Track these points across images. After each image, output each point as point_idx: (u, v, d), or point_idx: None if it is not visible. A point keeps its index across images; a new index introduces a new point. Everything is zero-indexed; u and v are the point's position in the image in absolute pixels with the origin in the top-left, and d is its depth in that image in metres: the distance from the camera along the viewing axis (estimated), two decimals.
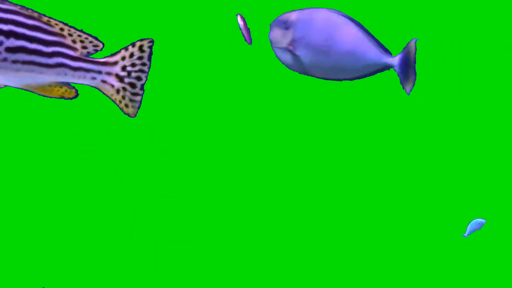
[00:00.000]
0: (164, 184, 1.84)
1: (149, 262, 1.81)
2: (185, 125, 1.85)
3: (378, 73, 1.65)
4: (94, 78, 1.50)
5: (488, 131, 1.85)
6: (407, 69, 1.61)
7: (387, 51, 1.63)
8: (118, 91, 1.51)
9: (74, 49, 1.48)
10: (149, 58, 1.52)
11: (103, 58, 1.51)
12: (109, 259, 1.80)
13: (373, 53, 1.62)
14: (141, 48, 1.51)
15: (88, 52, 1.49)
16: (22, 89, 1.48)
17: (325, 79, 1.65)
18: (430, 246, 1.84)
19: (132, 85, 1.52)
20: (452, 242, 1.84)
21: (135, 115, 1.54)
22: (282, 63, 1.66)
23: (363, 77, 1.65)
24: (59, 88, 1.50)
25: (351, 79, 1.65)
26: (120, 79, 1.51)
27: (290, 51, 1.62)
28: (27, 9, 1.45)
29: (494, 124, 1.85)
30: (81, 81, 1.50)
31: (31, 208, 1.80)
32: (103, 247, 1.81)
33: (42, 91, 1.49)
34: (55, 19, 1.47)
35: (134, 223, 1.82)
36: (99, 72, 1.50)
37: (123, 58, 1.51)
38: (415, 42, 1.60)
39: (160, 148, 1.84)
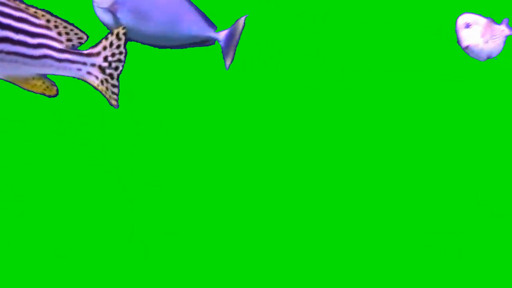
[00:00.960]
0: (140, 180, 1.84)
1: (135, 260, 1.81)
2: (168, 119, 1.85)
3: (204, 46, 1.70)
4: (79, 70, 1.51)
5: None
6: (230, 44, 1.68)
7: (212, 25, 1.68)
8: (102, 82, 1.53)
9: (59, 41, 1.49)
10: (125, 46, 1.53)
11: (87, 49, 1.52)
12: (93, 257, 1.80)
13: (196, 25, 1.66)
14: (117, 36, 1.53)
15: (73, 45, 1.50)
16: (6, 80, 1.49)
17: (144, 44, 1.69)
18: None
19: (111, 76, 1.54)
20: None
21: (118, 107, 1.56)
22: (103, 24, 1.66)
23: (185, 47, 1.69)
24: (42, 83, 1.50)
25: (171, 48, 1.69)
26: (102, 70, 1.53)
27: (111, 12, 1.64)
28: (14, 0, 1.46)
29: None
30: (66, 73, 1.51)
31: (19, 204, 1.79)
32: (86, 243, 1.80)
33: (25, 84, 1.49)
34: (42, 10, 1.48)
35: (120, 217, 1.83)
36: (84, 64, 1.51)
37: (105, 48, 1.52)
38: (244, 20, 1.66)
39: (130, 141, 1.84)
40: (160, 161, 1.82)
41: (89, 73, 1.52)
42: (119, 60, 1.53)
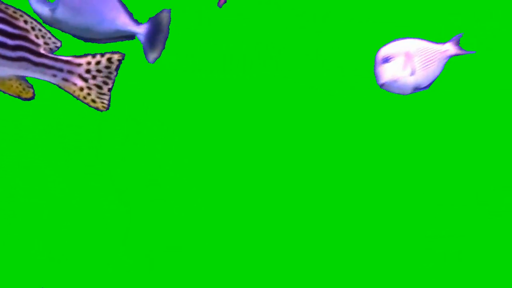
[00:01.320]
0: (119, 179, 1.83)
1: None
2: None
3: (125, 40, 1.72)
4: (54, 76, 1.49)
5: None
6: (154, 38, 1.68)
7: (135, 20, 1.68)
8: (81, 89, 1.51)
9: (37, 44, 1.47)
10: (116, 70, 1.53)
11: (67, 57, 1.50)
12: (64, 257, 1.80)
13: (121, 20, 1.67)
14: (109, 60, 1.52)
15: (50, 49, 1.49)
16: None
17: (74, 36, 1.70)
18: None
19: (99, 87, 1.52)
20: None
21: (106, 109, 1.54)
22: (37, 14, 1.67)
23: (110, 41, 1.70)
24: (18, 85, 1.49)
25: (98, 41, 1.70)
26: (84, 79, 1.51)
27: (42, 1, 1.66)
28: None
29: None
30: (41, 76, 1.49)
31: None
32: (73, 245, 1.80)
33: (1, 85, 1.47)
34: (20, 10, 1.46)
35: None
36: (61, 70, 1.49)
37: (88, 63, 1.51)
38: (169, 13, 1.66)
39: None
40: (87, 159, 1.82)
41: (65, 79, 1.49)
42: (108, 77, 1.52)
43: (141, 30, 1.68)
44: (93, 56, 1.51)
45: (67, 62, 1.49)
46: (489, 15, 1.86)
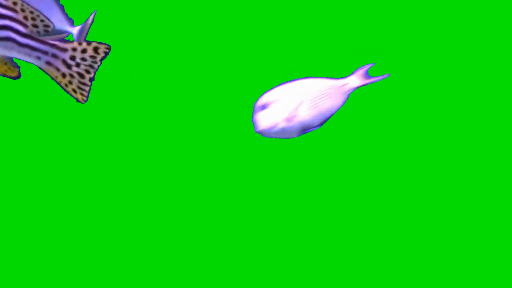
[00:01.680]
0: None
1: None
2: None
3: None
4: (38, 58, 1.50)
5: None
6: (80, 38, 1.70)
7: (70, 20, 1.70)
8: (64, 75, 1.52)
9: (25, 25, 1.48)
10: (101, 60, 1.53)
11: (53, 40, 1.51)
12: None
13: (58, 20, 1.68)
14: (96, 50, 1.52)
15: (38, 31, 1.50)
16: None
17: None
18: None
19: (81, 75, 1.53)
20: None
21: (85, 102, 1.54)
22: None
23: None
24: (3, 65, 1.50)
25: None
26: (68, 66, 1.52)
27: None
28: None
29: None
30: (26, 58, 1.50)
31: None
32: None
33: None
34: None
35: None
36: (45, 53, 1.50)
37: (74, 49, 1.51)
38: (94, 15, 1.68)
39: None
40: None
41: (48, 63, 1.51)
42: (91, 66, 1.53)
43: (75, 30, 1.70)
44: (80, 43, 1.52)
45: (52, 45, 1.50)
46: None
